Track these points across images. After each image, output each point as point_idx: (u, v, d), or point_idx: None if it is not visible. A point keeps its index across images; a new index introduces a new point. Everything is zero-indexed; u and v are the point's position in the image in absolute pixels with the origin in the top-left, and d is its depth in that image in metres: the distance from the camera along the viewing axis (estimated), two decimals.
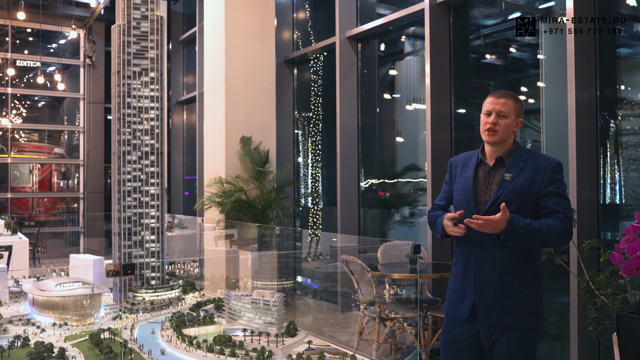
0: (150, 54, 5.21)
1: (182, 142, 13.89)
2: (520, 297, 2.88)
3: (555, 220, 2.81)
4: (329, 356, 3.51)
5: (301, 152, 9.78)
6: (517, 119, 2.95)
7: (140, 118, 5.21)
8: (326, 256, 8.37)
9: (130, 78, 5.11)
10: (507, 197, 2.85)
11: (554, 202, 2.84)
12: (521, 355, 2.89)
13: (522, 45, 6.61)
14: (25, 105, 14.30)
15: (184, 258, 7.64)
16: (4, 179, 13.86)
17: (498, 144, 2.95)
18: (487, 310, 2.88)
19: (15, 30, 13.66)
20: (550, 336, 6.08)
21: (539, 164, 2.90)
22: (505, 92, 2.97)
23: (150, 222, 5.29)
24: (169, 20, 13.99)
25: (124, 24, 5.17)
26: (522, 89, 6.72)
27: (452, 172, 3.15)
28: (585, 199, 5.11)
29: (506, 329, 2.86)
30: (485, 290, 2.89)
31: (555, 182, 2.87)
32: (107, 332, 4.12)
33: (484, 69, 7.13)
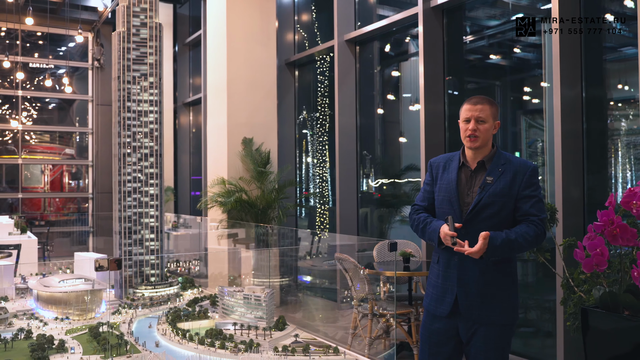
0: (149, 59, 5.42)
1: (189, 143, 14.11)
2: (499, 294, 3.04)
3: (529, 227, 2.98)
4: (313, 348, 3.69)
5: (310, 152, 9.94)
6: (494, 122, 3.11)
7: (140, 121, 5.41)
8: (324, 254, 8.54)
9: (130, 83, 5.32)
10: (488, 200, 3.01)
11: (530, 204, 3.01)
12: (497, 348, 3.05)
13: (525, 46, 6.70)
14: (36, 107, 14.60)
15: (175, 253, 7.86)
16: (15, 180, 14.16)
17: (480, 148, 3.09)
18: (469, 307, 3.03)
19: (25, 34, 13.96)
20: (541, 333, 6.21)
21: (517, 168, 3.06)
22: (481, 97, 3.11)
23: (149, 221, 5.49)
24: (175, 23, 14.22)
25: (123, 31, 5.38)
26: (525, 89, 6.82)
27: (433, 173, 3.27)
28: (570, 198, 5.23)
29: (484, 323, 3.02)
30: (468, 287, 3.03)
31: (532, 186, 3.04)
32: (105, 326, 4.33)
33: (489, 69, 7.21)
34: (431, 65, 6.81)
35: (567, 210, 5.18)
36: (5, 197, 14.05)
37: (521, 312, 6.58)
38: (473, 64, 7.32)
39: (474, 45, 7.11)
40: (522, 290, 6.51)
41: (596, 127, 5.38)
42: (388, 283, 6.41)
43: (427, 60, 6.79)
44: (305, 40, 10.00)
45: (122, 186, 5.37)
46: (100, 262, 2.62)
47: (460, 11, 6.92)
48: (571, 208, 5.23)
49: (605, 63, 5.48)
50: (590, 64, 5.35)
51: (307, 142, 10.05)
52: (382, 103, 8.69)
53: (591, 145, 5.35)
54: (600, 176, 5.41)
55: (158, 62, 5.41)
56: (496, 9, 6.96)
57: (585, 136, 5.34)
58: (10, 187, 14.21)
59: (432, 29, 6.86)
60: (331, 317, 7.28)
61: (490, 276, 3.03)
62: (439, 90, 6.86)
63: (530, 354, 6.18)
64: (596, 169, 5.39)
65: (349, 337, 5.76)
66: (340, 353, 3.62)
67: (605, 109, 5.46)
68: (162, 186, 5.48)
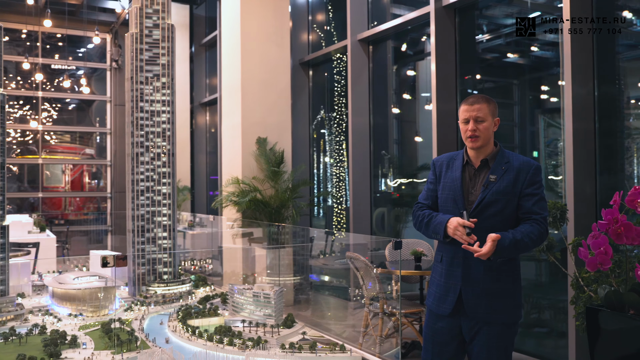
0: (161, 60, 5.49)
1: (205, 142, 14.23)
2: (504, 292, 3.05)
3: (533, 226, 2.98)
4: (320, 346, 3.72)
5: (327, 152, 9.96)
6: (493, 119, 3.12)
7: (152, 121, 5.49)
8: (337, 253, 8.57)
9: (142, 83, 5.39)
10: (492, 197, 3.01)
11: (533, 202, 3.01)
12: (500, 346, 3.04)
13: (543, 44, 6.66)
14: (56, 108, 14.83)
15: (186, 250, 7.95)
16: (35, 179, 14.39)
17: (482, 147, 3.11)
18: (475, 305, 3.02)
19: (45, 35, 14.19)
20: (554, 333, 6.17)
21: (520, 166, 3.06)
22: (477, 96, 3.13)
23: (162, 220, 5.57)
24: (192, 23, 14.34)
25: (136, 33, 5.46)
26: (543, 88, 6.78)
27: (437, 171, 3.27)
28: (581, 197, 5.19)
29: (488, 322, 3.02)
30: (473, 285, 3.03)
31: (535, 184, 3.03)
32: (117, 322, 4.41)
33: (505, 67, 7.17)
34: (443, 64, 6.81)
35: (578, 209, 5.14)
36: (26, 196, 14.29)
37: (534, 312, 6.54)
38: (491, 63, 7.29)
39: (491, 44, 7.07)
40: (535, 290, 6.49)
41: (609, 125, 5.33)
42: (400, 282, 6.42)
43: (439, 59, 6.78)
44: (322, 40, 10.03)
45: (135, 185, 5.45)
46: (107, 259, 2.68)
47: (472, 10, 6.90)
48: (583, 207, 5.19)
49: (618, 61, 5.44)
50: (603, 63, 5.31)
51: (324, 141, 10.08)
52: (398, 102, 8.69)
53: (603, 144, 5.31)
54: (613, 175, 5.37)
55: (170, 63, 5.48)
56: (514, 7, 6.92)
57: (597, 135, 5.30)
58: (32, 186, 14.45)
59: (444, 28, 6.85)
60: (342, 316, 7.30)
61: (496, 274, 3.03)
62: (451, 90, 6.85)
63: (544, 354, 6.15)
64: (609, 168, 5.34)
65: (360, 336, 5.79)
66: (347, 351, 3.64)
67: (619, 108, 5.42)
68: (174, 185, 5.55)
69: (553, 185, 6.25)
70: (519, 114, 6.83)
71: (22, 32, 13.88)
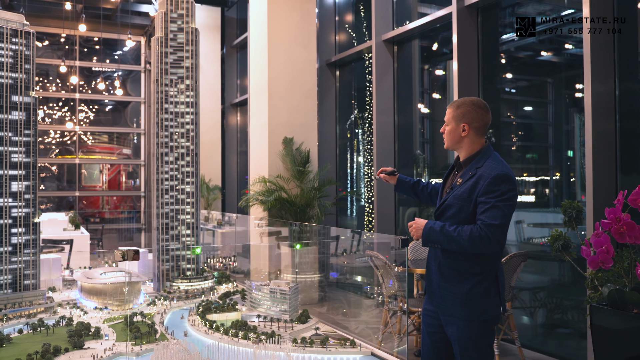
0: (185, 63, 5.66)
1: (236, 142, 14.44)
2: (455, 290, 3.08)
3: (470, 227, 2.95)
4: (332, 341, 3.82)
5: (355, 152, 10.03)
6: (459, 124, 3.12)
7: (177, 122, 5.66)
8: (360, 252, 8.64)
9: (167, 85, 5.57)
10: (451, 201, 3.10)
11: (482, 209, 2.96)
12: (471, 342, 3.08)
13: (579, 42, 6.60)
14: (93, 109, 15.26)
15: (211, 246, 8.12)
16: (73, 179, 14.85)
17: (450, 148, 3.21)
18: (431, 295, 3.21)
19: (82, 39, 14.63)
20: (577, 334, 6.13)
21: (483, 173, 3.02)
22: (455, 100, 3.20)
23: (185, 218, 5.74)
24: (223, 25, 14.58)
25: (161, 36, 5.65)
26: (578, 86, 6.72)
27: None
28: (602, 197, 5.15)
29: (451, 316, 3.11)
30: (431, 281, 3.20)
31: (489, 193, 2.96)
32: (139, 316, 4.58)
33: (541, 65, 7.11)
34: (465, 64, 6.81)
35: (598, 210, 5.10)
36: (64, 195, 14.76)
37: (557, 313, 6.50)
38: (525, 61, 7.25)
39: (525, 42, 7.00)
40: (557, 291, 6.46)
41: (629, 124, 5.28)
42: (422, 281, 6.46)
43: (461, 59, 6.79)
44: (354, 39, 10.11)
45: (160, 184, 5.64)
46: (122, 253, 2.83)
47: (495, 9, 6.89)
48: (603, 208, 5.14)
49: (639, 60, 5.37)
50: (623, 61, 5.26)
51: (350, 141, 10.16)
52: (428, 102, 8.71)
53: (624, 143, 5.26)
54: (633, 174, 5.31)
55: (194, 66, 5.65)
56: (546, 4, 6.87)
57: (618, 134, 5.25)
58: (70, 185, 14.91)
59: (466, 27, 6.86)
60: (359, 313, 7.37)
61: (446, 273, 3.12)
62: (473, 89, 6.85)
63: (566, 355, 6.11)
64: (629, 167, 5.29)
65: (380, 334, 5.86)
66: (357, 346, 3.73)
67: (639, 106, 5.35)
68: (197, 184, 5.72)
69: None
70: (553, 112, 6.78)
71: (61, 36, 14.34)
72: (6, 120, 4.90)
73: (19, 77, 5.00)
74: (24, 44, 5.05)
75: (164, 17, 5.66)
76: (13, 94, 4.97)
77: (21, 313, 4.80)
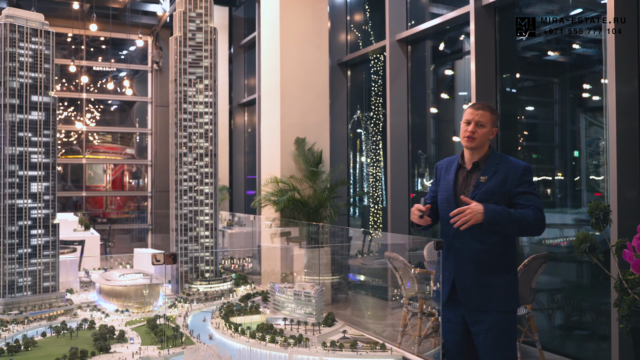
0: (204, 62, 5.61)
1: (244, 143, 14.41)
2: (494, 283, 3.23)
3: (527, 210, 3.15)
4: (361, 345, 3.78)
5: (364, 152, 10.00)
6: (492, 128, 3.33)
7: (195, 122, 5.61)
8: (375, 253, 8.60)
9: (186, 85, 5.52)
10: (482, 197, 3.22)
11: (525, 199, 3.20)
12: (504, 335, 3.24)
13: (585, 42, 6.58)
14: (99, 109, 15.21)
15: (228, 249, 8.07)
16: (79, 179, 14.80)
17: (475, 149, 3.32)
18: (466, 296, 3.26)
19: (89, 39, 14.58)
20: (596, 336, 6.09)
21: (509, 167, 3.27)
22: (484, 104, 3.36)
23: (204, 219, 5.69)
24: (231, 25, 14.54)
25: (180, 36, 5.59)
26: (585, 86, 6.69)
27: (437, 175, 3.56)
28: (625, 198, 5.12)
29: (485, 311, 3.22)
30: (464, 276, 3.27)
31: (524, 183, 3.23)
32: (162, 319, 4.53)
33: (548, 65, 7.11)
34: (483, 63, 6.78)
35: (622, 211, 5.07)
36: (70, 195, 14.71)
37: (576, 315, 6.47)
38: (531, 61, 7.22)
39: (532, 42, 6.99)
40: (576, 292, 6.41)
41: None
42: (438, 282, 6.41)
43: (478, 58, 6.75)
44: (359, 40, 10.07)
45: (179, 185, 5.59)
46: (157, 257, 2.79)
47: (512, 9, 6.85)
48: (627, 209, 5.12)
49: None
50: None
51: (360, 141, 10.11)
52: (436, 102, 8.67)
53: None
54: None
55: (213, 65, 5.60)
56: (554, 4, 6.83)
57: None
58: (75, 185, 14.86)
59: (484, 27, 6.82)
60: (380, 315, 7.33)
61: (485, 268, 3.23)
62: (491, 89, 6.81)
63: (585, 356, 6.07)
64: None
65: (399, 336, 5.81)
66: (387, 350, 3.69)
67: None
68: (216, 185, 5.67)
69: (594, 185, 6.16)
70: (559, 112, 6.75)
71: (68, 35, 14.29)
72: (26, 120, 4.85)
73: (39, 77, 4.95)
74: (43, 43, 5.00)
75: (182, 17, 5.61)
76: (33, 94, 4.92)
77: (42, 316, 4.75)
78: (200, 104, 5.62)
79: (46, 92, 4.98)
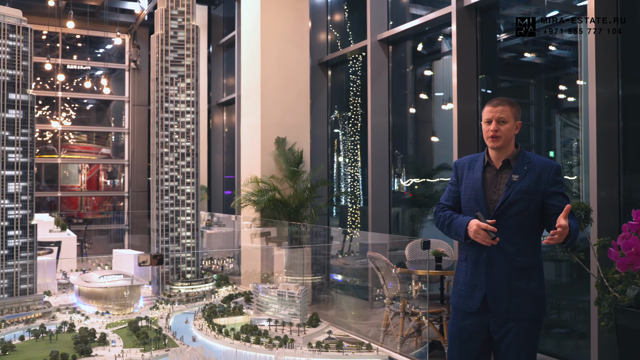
0: (186, 61, 5.55)
1: (222, 142, 14.30)
2: (527, 288, 3.09)
3: (573, 219, 3.05)
4: (346, 345, 3.76)
5: (341, 152, 9.99)
6: (515, 122, 3.18)
7: (177, 121, 5.55)
8: (356, 253, 8.59)
9: (167, 84, 5.45)
10: (515, 197, 3.08)
11: (558, 200, 3.09)
12: (528, 342, 3.10)
13: (561, 43, 6.64)
14: (75, 108, 14.98)
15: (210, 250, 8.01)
16: (54, 179, 14.55)
17: (502, 147, 3.17)
18: (498, 302, 3.09)
19: (65, 36, 14.34)
20: (575, 334, 6.15)
21: (542, 166, 3.14)
22: (501, 99, 3.21)
23: (186, 219, 5.63)
24: (210, 24, 14.42)
25: (161, 34, 5.52)
26: (561, 87, 6.75)
27: (458, 173, 3.35)
28: (605, 198, 5.17)
29: (515, 318, 3.08)
30: (497, 282, 3.09)
31: (557, 183, 3.12)
32: (144, 320, 4.46)
33: (524, 67, 7.16)
34: (464, 64, 6.80)
35: (602, 210, 5.12)
36: (45, 195, 14.46)
37: (554, 313, 6.53)
38: (508, 62, 7.28)
39: (509, 43, 7.05)
40: (555, 291, 6.47)
41: (633, 126, 5.30)
42: (420, 282, 6.43)
43: (460, 59, 6.77)
44: (337, 40, 10.05)
45: (160, 185, 5.51)
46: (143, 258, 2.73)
47: (494, 10, 6.89)
48: (606, 208, 5.17)
49: None
50: (627, 62, 5.28)
51: (338, 141, 10.10)
52: (415, 102, 8.69)
53: (627, 145, 5.28)
54: (636, 176, 5.33)
55: (195, 64, 5.54)
56: (532, 6, 6.90)
57: (621, 135, 5.27)
58: (50, 185, 14.61)
59: (466, 28, 6.85)
60: (363, 315, 7.32)
61: (518, 271, 3.10)
62: (472, 90, 6.84)
63: (564, 355, 6.12)
64: (633, 169, 5.31)
65: (381, 335, 5.80)
66: (373, 350, 3.67)
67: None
68: (198, 185, 5.61)
69: (568, 185, 6.23)
70: (535, 113, 6.81)
71: (43, 33, 14.04)
72: (3, 118, 4.74)
73: (17, 75, 4.84)
74: (21, 40, 4.89)
75: (164, 14, 5.54)
76: (10, 92, 4.81)
77: (19, 319, 4.65)
78: (182, 103, 5.56)
79: (24, 90, 4.88)
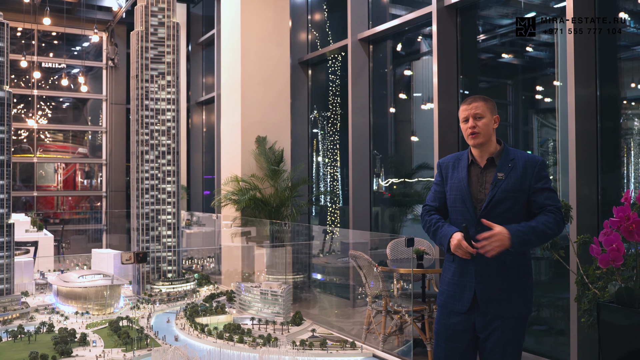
0: (166, 58, 5.50)
1: (202, 141, 14.22)
2: (516, 287, 3.10)
3: (548, 215, 3.04)
4: (330, 343, 3.75)
5: (321, 151, 9.99)
6: (492, 116, 3.17)
7: (157, 119, 5.49)
8: (338, 252, 8.60)
9: (147, 82, 5.40)
10: (501, 195, 3.07)
11: (544, 196, 3.08)
12: (514, 342, 3.11)
13: (538, 45, 6.71)
14: (51, 106, 14.75)
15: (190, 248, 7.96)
16: (30, 178, 14.32)
17: (484, 144, 3.16)
18: (488, 301, 3.09)
19: (40, 33, 14.12)
20: (554, 331, 6.22)
21: (526, 162, 3.12)
22: (475, 96, 3.21)
23: (166, 218, 5.58)
24: (189, 22, 14.32)
25: (142, 30, 5.46)
26: (538, 88, 6.83)
27: (443, 173, 3.33)
28: (584, 197, 5.24)
29: (502, 317, 3.08)
30: (487, 281, 3.09)
31: (543, 179, 3.11)
32: (125, 320, 4.41)
33: (502, 68, 7.22)
34: (445, 64, 6.85)
35: (580, 209, 5.19)
36: (20, 195, 14.22)
37: (534, 310, 6.60)
38: (486, 63, 7.34)
39: (487, 44, 7.13)
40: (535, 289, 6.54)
41: (610, 126, 5.39)
42: (402, 280, 6.45)
43: (440, 59, 6.82)
44: (317, 39, 10.05)
45: (140, 183, 5.45)
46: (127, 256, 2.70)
47: (474, 10, 6.95)
48: (585, 207, 5.24)
49: (620, 62, 5.49)
50: (605, 63, 5.37)
51: (317, 141, 10.10)
52: (394, 102, 8.73)
53: (605, 145, 5.36)
54: (614, 175, 5.42)
55: (175, 61, 5.49)
56: (509, 7, 6.97)
57: (599, 135, 5.35)
58: (25, 185, 14.37)
59: (446, 28, 6.89)
60: (345, 314, 7.33)
61: (507, 270, 3.09)
62: (453, 90, 6.89)
63: (544, 351, 6.19)
64: (610, 168, 5.39)
65: (363, 334, 5.81)
66: (357, 348, 3.67)
67: (620, 108, 5.47)
68: (179, 183, 5.56)
69: None
70: (512, 114, 6.88)
71: (18, 29, 13.81)
72: None
73: None
74: None
75: (144, 11, 5.48)
76: None
77: None
78: (163, 101, 5.50)
79: (0, 86, 4.79)
